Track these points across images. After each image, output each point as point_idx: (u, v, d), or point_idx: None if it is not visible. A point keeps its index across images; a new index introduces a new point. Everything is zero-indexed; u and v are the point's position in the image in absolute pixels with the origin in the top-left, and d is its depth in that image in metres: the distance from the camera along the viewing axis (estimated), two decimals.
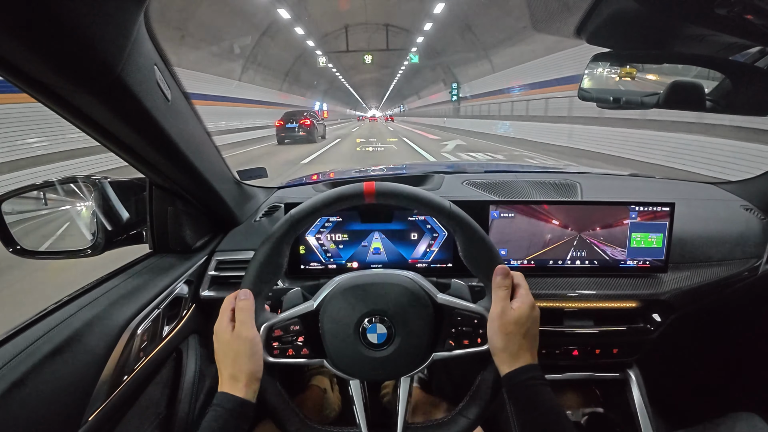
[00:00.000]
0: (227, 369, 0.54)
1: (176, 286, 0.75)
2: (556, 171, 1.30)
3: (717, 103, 0.74)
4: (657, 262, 0.85)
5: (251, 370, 0.54)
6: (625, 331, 0.87)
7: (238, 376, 0.53)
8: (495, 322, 0.55)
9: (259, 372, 0.55)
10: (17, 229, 0.67)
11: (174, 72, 0.60)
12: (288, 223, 0.57)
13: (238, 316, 0.55)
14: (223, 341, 0.55)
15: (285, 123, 14.18)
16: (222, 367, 0.55)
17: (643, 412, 0.93)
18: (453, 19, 16.71)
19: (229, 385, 0.53)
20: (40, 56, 0.38)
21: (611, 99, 0.81)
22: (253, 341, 0.55)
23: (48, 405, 0.48)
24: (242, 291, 0.56)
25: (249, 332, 0.55)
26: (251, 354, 0.54)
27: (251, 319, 0.55)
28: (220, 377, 0.55)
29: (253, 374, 0.54)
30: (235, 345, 0.54)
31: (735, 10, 0.52)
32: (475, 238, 0.57)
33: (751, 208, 1.01)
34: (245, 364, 0.54)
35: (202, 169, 0.71)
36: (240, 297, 0.56)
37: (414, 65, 28.14)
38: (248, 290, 0.56)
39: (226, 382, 0.54)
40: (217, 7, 11.44)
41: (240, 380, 0.53)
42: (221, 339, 0.56)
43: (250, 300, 0.56)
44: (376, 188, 0.56)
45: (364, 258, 0.86)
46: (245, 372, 0.53)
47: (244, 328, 0.55)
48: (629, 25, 0.67)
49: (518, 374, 0.53)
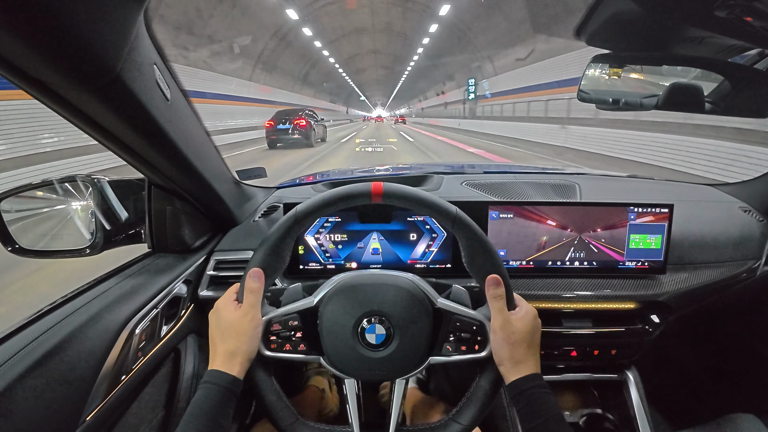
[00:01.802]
0: (225, 344, 0.54)
1: (175, 286, 0.75)
2: (555, 172, 1.30)
3: (716, 105, 0.74)
4: (655, 264, 0.85)
5: (250, 350, 0.54)
6: (623, 333, 0.87)
7: (236, 353, 0.53)
8: (498, 334, 0.55)
9: (255, 354, 0.55)
10: (16, 228, 0.67)
11: (173, 71, 0.60)
12: (292, 220, 0.56)
13: (249, 297, 0.55)
14: (225, 318, 0.55)
15: (276, 124, 11.74)
16: (218, 342, 0.55)
17: (641, 413, 0.93)
18: None
19: (224, 362, 0.53)
20: (40, 55, 0.38)
21: (610, 101, 0.82)
22: (258, 324, 0.55)
23: (46, 404, 0.48)
24: (253, 271, 0.56)
25: (257, 315, 0.55)
26: (253, 336, 0.54)
27: (259, 302, 0.56)
28: (213, 354, 0.54)
29: (250, 355, 0.54)
30: (240, 324, 0.54)
31: (734, 12, 0.52)
32: (479, 245, 0.57)
33: (750, 209, 1.02)
34: (245, 344, 0.54)
35: (201, 168, 0.71)
36: (252, 277, 0.56)
37: (422, 63, 26.64)
38: (260, 270, 0.56)
39: (221, 358, 0.53)
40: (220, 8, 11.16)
41: (237, 357, 0.53)
42: (224, 316, 0.55)
43: (261, 282, 0.56)
44: (384, 189, 0.56)
45: (363, 258, 0.86)
46: (244, 351, 0.54)
47: (252, 310, 0.55)
48: (629, 27, 0.67)
49: (524, 382, 0.53)
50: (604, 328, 0.87)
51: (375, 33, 26.08)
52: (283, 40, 19.84)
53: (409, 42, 28.34)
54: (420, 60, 33.80)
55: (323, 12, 21.27)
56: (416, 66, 38.06)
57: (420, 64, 35.17)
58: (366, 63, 43.31)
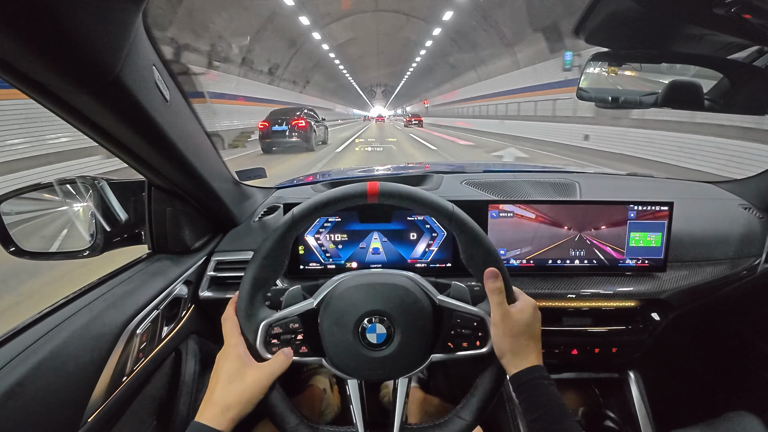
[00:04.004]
0: (223, 394, 0.51)
1: (175, 287, 0.75)
2: (554, 170, 1.30)
3: (715, 102, 0.74)
4: (656, 262, 0.85)
5: (249, 403, 0.52)
6: (624, 331, 0.87)
7: (231, 406, 0.50)
8: (499, 327, 0.55)
9: (251, 410, 0.52)
10: (16, 230, 0.67)
11: (173, 72, 0.60)
12: (290, 221, 0.57)
13: (230, 341, 0.55)
14: (229, 367, 0.53)
15: (271, 125, 10.21)
16: (216, 389, 0.52)
17: (642, 411, 0.93)
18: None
19: (215, 415, 0.49)
20: (39, 57, 0.38)
21: (609, 99, 0.82)
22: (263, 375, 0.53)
23: (47, 406, 0.48)
24: (226, 312, 0.57)
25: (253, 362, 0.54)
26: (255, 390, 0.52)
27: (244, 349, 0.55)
28: (206, 400, 0.52)
29: (247, 409, 0.51)
30: (248, 376, 0.52)
31: (733, 9, 0.52)
32: (477, 241, 0.57)
33: (750, 207, 1.02)
34: (247, 397, 0.51)
35: (200, 169, 0.71)
36: (225, 320, 0.56)
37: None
38: (232, 304, 0.58)
39: (214, 409, 0.50)
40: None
41: (231, 410, 0.50)
42: (228, 365, 0.54)
43: (233, 320, 0.56)
44: (380, 188, 0.56)
45: (363, 258, 0.86)
46: (243, 404, 0.51)
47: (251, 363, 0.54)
48: (628, 25, 0.67)
49: (526, 374, 0.54)
50: (605, 327, 0.87)
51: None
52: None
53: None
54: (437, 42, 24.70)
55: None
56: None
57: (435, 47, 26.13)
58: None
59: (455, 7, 17.26)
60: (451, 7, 17.49)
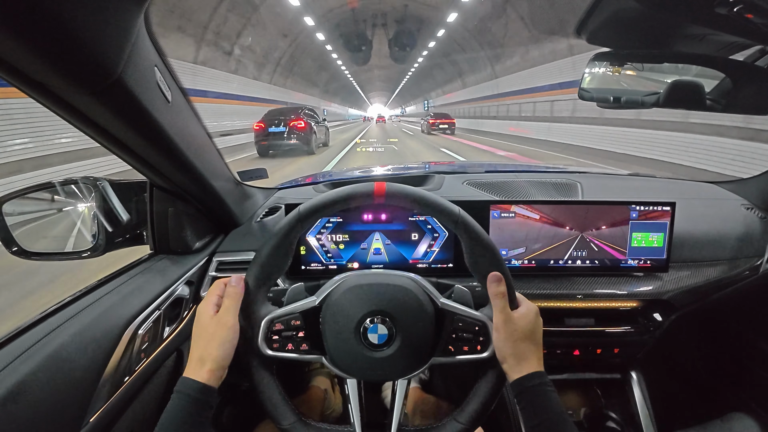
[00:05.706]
0: (197, 351, 0.53)
1: (177, 287, 0.75)
2: (556, 171, 1.30)
3: (717, 102, 0.74)
4: (658, 262, 0.85)
5: (220, 356, 0.53)
6: (626, 331, 0.87)
7: (205, 359, 0.52)
8: (501, 331, 0.55)
9: (227, 360, 0.54)
10: (18, 231, 0.67)
11: (174, 72, 0.60)
12: (295, 219, 0.57)
13: (225, 301, 0.55)
14: (201, 323, 0.55)
15: (267, 126, 9.31)
16: (193, 349, 0.54)
17: (644, 411, 0.93)
18: None
19: (195, 368, 0.52)
20: (41, 58, 0.38)
21: (611, 99, 0.81)
22: (231, 329, 0.54)
23: (50, 406, 0.48)
24: (235, 277, 0.56)
25: (230, 319, 0.54)
26: (225, 341, 0.53)
27: (236, 308, 0.55)
28: (189, 360, 0.54)
29: (221, 361, 0.53)
30: (212, 329, 0.53)
31: (735, 9, 0.52)
32: (482, 245, 0.57)
33: (752, 207, 1.01)
34: (215, 349, 0.53)
35: (202, 169, 0.71)
36: (231, 283, 0.56)
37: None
38: (241, 278, 0.56)
39: (193, 364, 0.53)
40: None
41: (206, 364, 0.52)
42: (200, 320, 0.55)
43: (239, 288, 0.56)
44: (387, 189, 0.56)
45: (365, 258, 0.86)
46: (213, 357, 0.52)
47: (226, 314, 0.54)
48: (629, 25, 0.67)
49: (528, 380, 0.53)
50: (607, 327, 0.87)
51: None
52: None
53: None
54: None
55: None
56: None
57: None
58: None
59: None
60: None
